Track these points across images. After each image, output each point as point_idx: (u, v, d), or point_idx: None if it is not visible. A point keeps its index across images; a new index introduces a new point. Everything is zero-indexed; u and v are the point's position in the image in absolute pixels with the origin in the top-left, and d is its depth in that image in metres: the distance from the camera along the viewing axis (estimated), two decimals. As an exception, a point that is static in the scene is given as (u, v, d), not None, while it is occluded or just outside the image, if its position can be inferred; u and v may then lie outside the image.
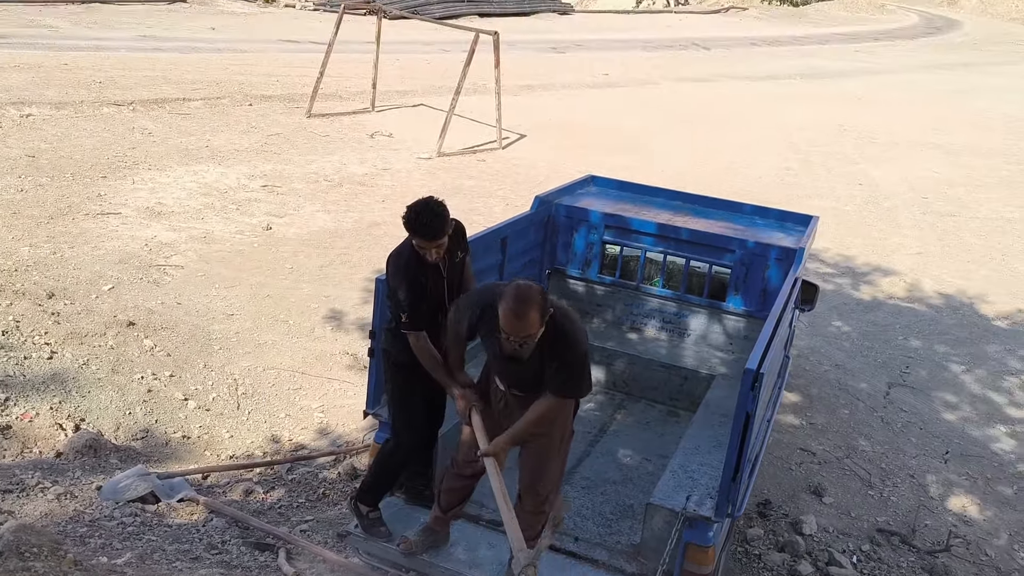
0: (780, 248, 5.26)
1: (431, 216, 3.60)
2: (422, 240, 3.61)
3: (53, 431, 5.14)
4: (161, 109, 13.88)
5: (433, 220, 3.60)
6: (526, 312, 3.10)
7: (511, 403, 3.52)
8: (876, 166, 15.02)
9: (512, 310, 3.10)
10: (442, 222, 3.61)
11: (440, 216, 3.61)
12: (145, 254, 8.36)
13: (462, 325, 3.49)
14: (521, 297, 3.13)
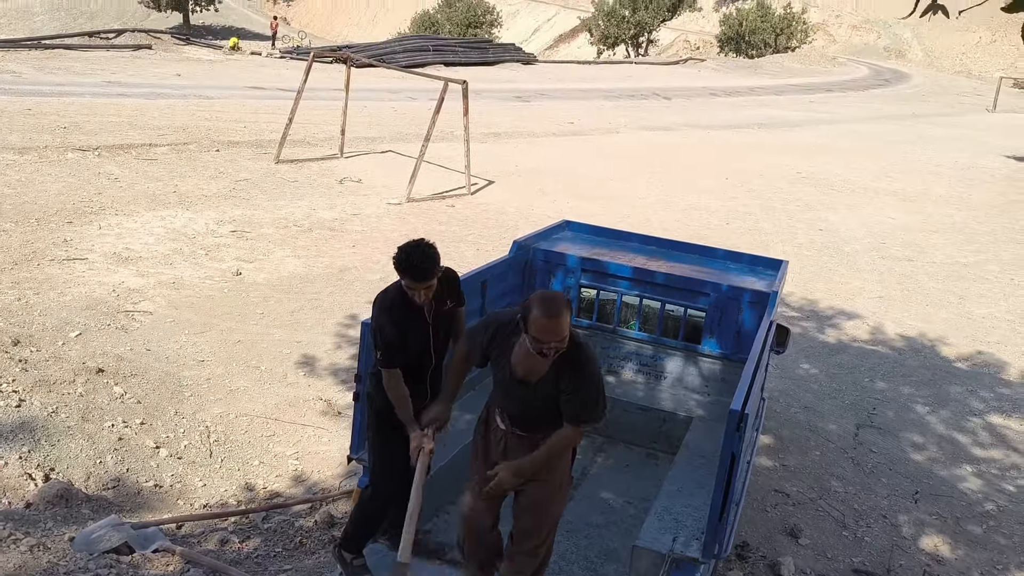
0: (753, 292, 5.39)
1: (422, 258, 3.65)
2: (411, 281, 3.66)
3: (22, 481, 5.00)
4: (127, 154, 13.81)
5: (424, 262, 3.65)
6: (558, 312, 3.17)
7: (511, 444, 3.54)
8: (835, 212, 15.45)
9: (545, 313, 3.15)
10: (432, 264, 3.67)
11: (431, 258, 3.67)
12: (113, 300, 8.24)
13: (474, 347, 3.55)
14: (550, 299, 3.25)
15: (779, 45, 57.03)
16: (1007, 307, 11.12)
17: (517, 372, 3.36)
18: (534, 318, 3.17)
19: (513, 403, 3.50)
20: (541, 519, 3.55)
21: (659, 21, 58.46)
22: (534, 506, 3.54)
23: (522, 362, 3.34)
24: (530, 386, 3.36)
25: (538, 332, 3.16)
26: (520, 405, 3.48)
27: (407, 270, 3.66)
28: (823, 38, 63.20)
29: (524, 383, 3.37)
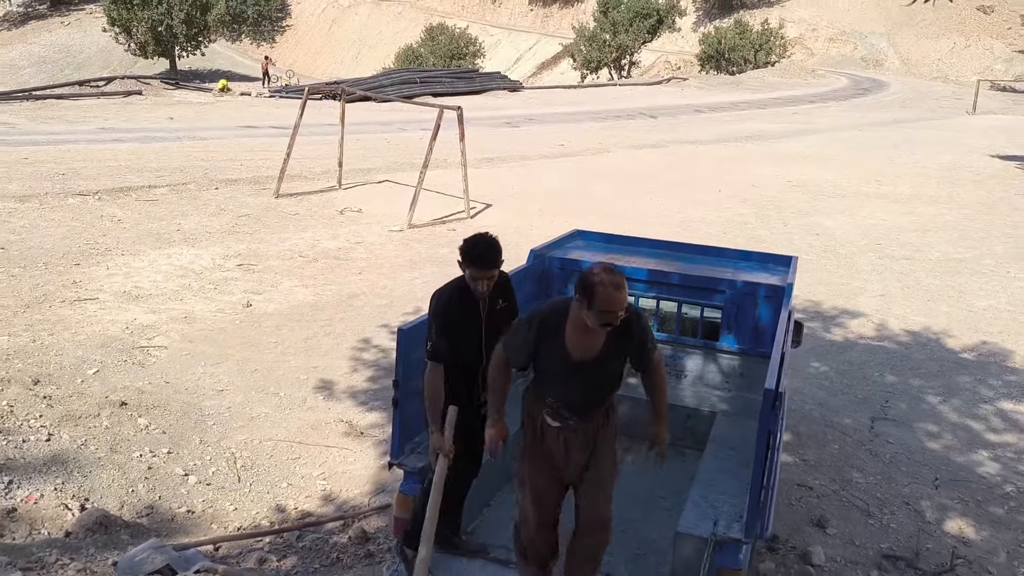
0: (768, 286, 5.51)
1: (486, 247, 3.82)
2: (476, 270, 3.82)
3: (59, 511, 5.04)
4: (127, 197, 13.93)
5: (488, 251, 3.82)
6: (622, 281, 3.34)
7: (570, 438, 3.63)
8: (828, 217, 15.65)
9: (612, 283, 3.29)
10: (497, 253, 3.85)
11: (495, 247, 3.84)
12: (127, 337, 8.31)
13: (516, 351, 3.57)
14: (608, 270, 3.37)
15: (759, 61, 57.80)
16: (1007, 298, 11.27)
17: (574, 356, 3.44)
18: (601, 291, 3.26)
19: (574, 390, 3.55)
20: (610, 490, 3.73)
21: (640, 43, 59.25)
22: (606, 479, 3.72)
23: (579, 343, 3.42)
24: (589, 365, 3.45)
25: (606, 304, 3.27)
26: (581, 389, 3.54)
27: (473, 259, 3.80)
28: (801, 51, 64.08)
29: (582, 364, 3.45)
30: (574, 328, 3.44)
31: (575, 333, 3.44)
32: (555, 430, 3.63)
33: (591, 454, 3.68)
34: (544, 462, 3.67)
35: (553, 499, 3.75)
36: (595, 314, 3.31)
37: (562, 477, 3.70)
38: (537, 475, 3.69)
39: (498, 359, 3.68)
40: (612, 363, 3.55)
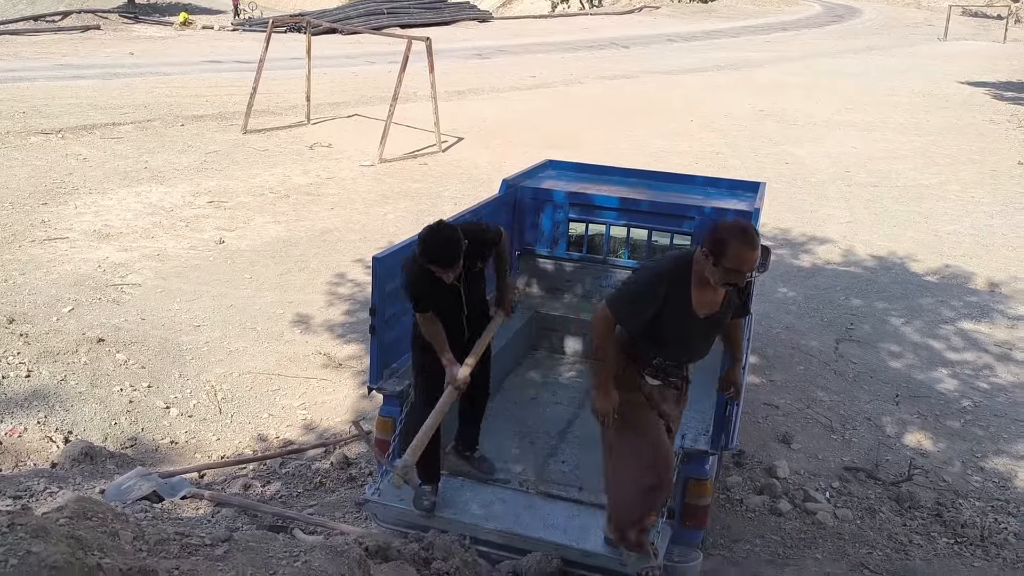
0: (736, 212, 5.59)
1: (445, 246, 3.66)
2: (436, 267, 3.68)
3: (44, 444, 5.13)
4: (92, 135, 13.66)
5: (447, 250, 3.66)
6: (757, 241, 3.12)
7: (668, 394, 3.57)
8: (799, 146, 15.74)
9: (748, 243, 3.07)
10: (457, 249, 3.67)
11: (455, 243, 3.67)
12: (99, 275, 8.28)
13: (635, 317, 3.31)
14: (745, 228, 3.14)
15: (731, -12, 56.85)
16: (970, 223, 11.51)
17: (699, 313, 3.28)
18: (736, 250, 3.04)
19: (693, 348, 3.44)
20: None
21: (611, -29, 57.98)
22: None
23: (703, 300, 3.25)
24: (709, 321, 3.32)
25: (739, 263, 3.06)
26: (699, 346, 3.45)
27: (432, 259, 3.65)
28: (774, -22, 63.11)
29: (704, 321, 3.31)
30: (699, 284, 3.23)
31: (699, 290, 3.24)
32: (654, 387, 3.48)
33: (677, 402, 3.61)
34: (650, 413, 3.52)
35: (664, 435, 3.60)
36: (721, 271, 3.09)
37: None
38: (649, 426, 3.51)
39: (603, 326, 3.35)
40: (728, 315, 3.40)
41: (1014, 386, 7.09)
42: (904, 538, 5.08)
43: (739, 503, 5.34)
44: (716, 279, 3.14)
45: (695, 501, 3.84)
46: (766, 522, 5.14)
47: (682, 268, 3.26)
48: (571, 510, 4.01)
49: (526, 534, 3.80)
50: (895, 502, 5.47)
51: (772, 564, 4.63)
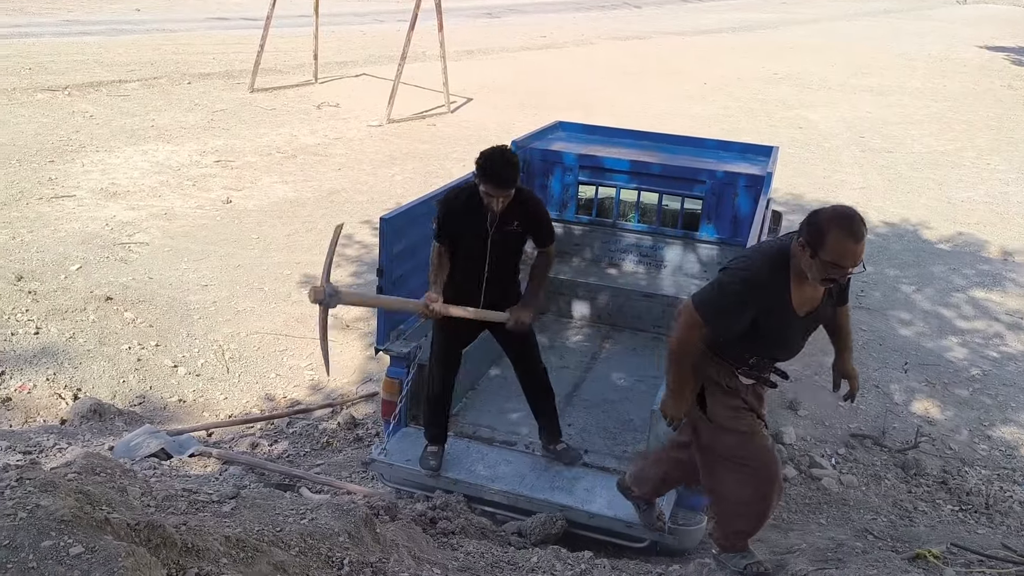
0: (748, 176, 5.53)
1: (504, 164, 3.55)
2: (490, 187, 3.56)
3: (53, 400, 5.16)
4: (98, 92, 13.54)
5: (504, 169, 3.54)
6: (863, 233, 2.68)
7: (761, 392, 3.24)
8: (813, 110, 15.53)
9: (853, 235, 2.64)
10: (514, 172, 3.57)
11: (513, 166, 3.57)
12: (107, 233, 8.26)
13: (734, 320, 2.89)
14: (850, 217, 2.69)
15: (747, -52, 55.78)
16: (985, 190, 11.38)
17: (801, 312, 2.89)
18: (837, 243, 2.62)
19: (796, 344, 3.09)
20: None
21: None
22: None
23: (803, 297, 2.86)
24: (808, 317, 2.94)
25: (840, 257, 2.64)
26: (798, 344, 3.11)
27: (488, 175, 3.54)
28: (791, -62, 61.82)
29: (804, 318, 2.93)
30: (798, 281, 2.83)
31: (799, 287, 2.85)
32: (748, 387, 3.15)
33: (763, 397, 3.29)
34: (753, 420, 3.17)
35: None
36: (819, 266, 2.69)
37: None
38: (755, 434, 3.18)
39: (690, 329, 2.94)
40: (828, 309, 3.03)
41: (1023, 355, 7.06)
42: (909, 505, 5.09)
43: (745, 468, 5.34)
44: (814, 274, 2.74)
45: (701, 465, 3.82)
46: (771, 487, 5.15)
47: (779, 268, 2.84)
48: (576, 472, 4.02)
49: (531, 495, 3.82)
50: (901, 469, 5.47)
51: (777, 529, 4.63)
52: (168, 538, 1.84)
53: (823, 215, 2.73)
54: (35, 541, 1.68)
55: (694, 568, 3.27)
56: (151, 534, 1.84)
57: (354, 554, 2.26)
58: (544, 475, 3.97)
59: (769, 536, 4.55)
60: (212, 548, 1.92)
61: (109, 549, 1.66)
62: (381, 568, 2.24)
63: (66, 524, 1.72)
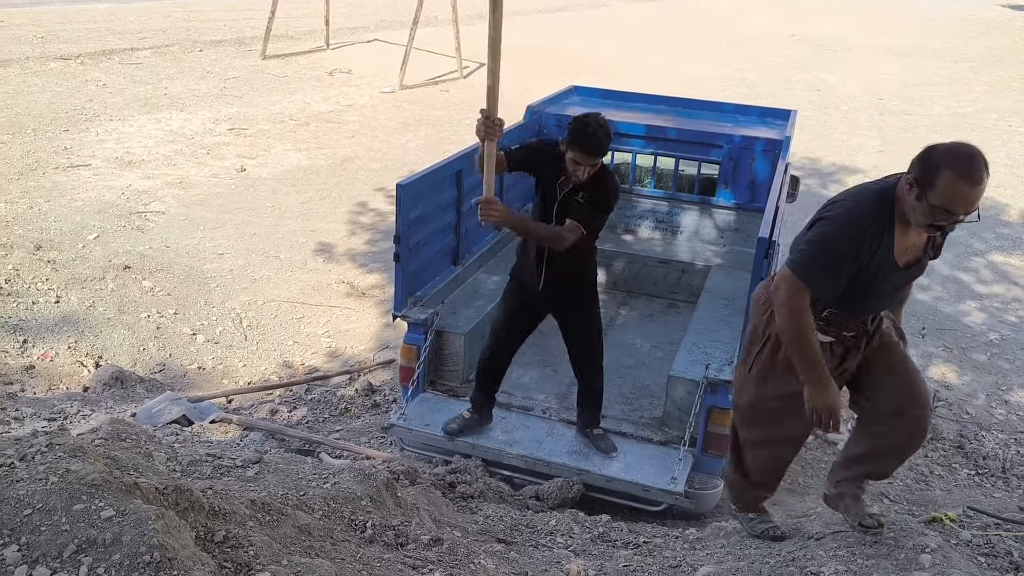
0: (765, 140, 5.47)
1: (598, 130, 3.43)
2: (579, 154, 3.44)
3: (75, 368, 5.22)
4: (110, 60, 13.53)
5: (599, 134, 3.43)
6: (982, 169, 2.30)
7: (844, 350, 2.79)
8: (831, 71, 15.30)
9: (969, 177, 2.27)
10: (607, 139, 3.48)
11: (608, 136, 3.48)
12: (123, 203, 8.30)
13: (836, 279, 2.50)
14: (969, 156, 2.32)
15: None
16: (1006, 152, 11.21)
17: (901, 261, 2.53)
18: (949, 185, 2.28)
19: (886, 300, 2.74)
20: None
21: None
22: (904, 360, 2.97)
23: (907, 245, 2.52)
24: (911, 268, 2.60)
25: (951, 202, 2.30)
26: (892, 298, 2.78)
27: (580, 141, 3.41)
28: None
29: (904, 268, 2.57)
30: (902, 225, 2.48)
31: (902, 232, 2.49)
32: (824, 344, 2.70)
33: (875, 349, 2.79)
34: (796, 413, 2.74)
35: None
36: (925, 209, 2.34)
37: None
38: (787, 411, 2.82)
39: (796, 303, 2.54)
40: (927, 261, 2.65)
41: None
42: (925, 469, 5.09)
43: (760, 433, 5.36)
44: (918, 219, 2.39)
45: (717, 430, 3.84)
46: (787, 452, 5.16)
47: (885, 206, 2.47)
48: (594, 438, 4.04)
49: (549, 459, 3.85)
50: (917, 433, 5.46)
51: (793, 493, 4.66)
52: (196, 502, 1.88)
53: (938, 151, 2.37)
54: (67, 504, 1.71)
55: (711, 531, 3.30)
56: (179, 498, 1.87)
57: (376, 517, 2.30)
58: (561, 440, 4.00)
59: (785, 500, 4.57)
60: (238, 511, 1.95)
61: (139, 512, 1.70)
62: (403, 530, 2.28)
63: (96, 488, 1.75)
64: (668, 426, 4.09)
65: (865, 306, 2.67)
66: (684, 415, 3.97)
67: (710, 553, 2.91)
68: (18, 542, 1.65)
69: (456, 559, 2.19)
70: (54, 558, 1.63)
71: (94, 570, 1.61)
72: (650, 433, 4.08)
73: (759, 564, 2.69)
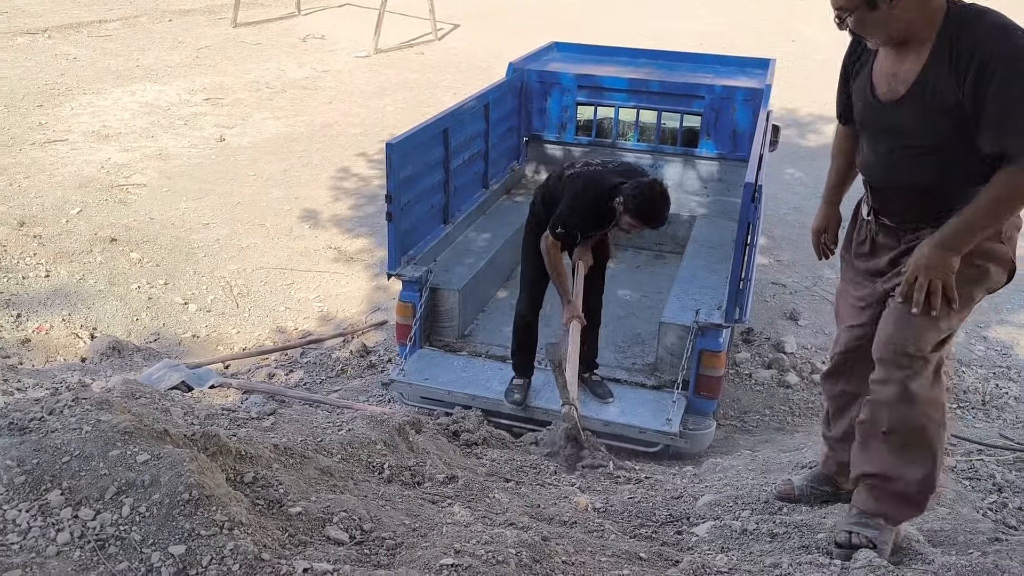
0: (746, 89, 5.54)
1: (665, 206, 3.54)
2: (643, 225, 3.59)
3: (71, 340, 5.25)
4: (79, 33, 13.29)
5: (664, 210, 3.55)
6: None
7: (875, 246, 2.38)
8: (806, 23, 15.31)
9: None
10: (668, 210, 3.59)
11: (669, 206, 3.58)
12: (104, 176, 8.24)
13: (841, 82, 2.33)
14: None
15: None
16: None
17: (880, 90, 2.18)
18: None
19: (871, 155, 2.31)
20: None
21: None
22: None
23: (884, 72, 2.18)
24: (892, 108, 2.17)
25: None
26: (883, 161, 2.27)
27: (645, 218, 3.52)
28: None
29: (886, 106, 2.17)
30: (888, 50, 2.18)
31: (885, 54, 2.19)
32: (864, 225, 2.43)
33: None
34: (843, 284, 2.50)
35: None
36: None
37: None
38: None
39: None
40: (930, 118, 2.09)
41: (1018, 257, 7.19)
42: (908, 405, 5.26)
43: (748, 377, 5.50)
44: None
45: (709, 372, 3.97)
46: (775, 394, 5.32)
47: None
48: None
49: (546, 407, 3.95)
50: (899, 372, 5.63)
51: (781, 431, 4.82)
52: (223, 446, 1.96)
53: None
54: (103, 451, 1.78)
55: (707, 467, 3.43)
56: (207, 443, 1.95)
57: (392, 459, 2.39)
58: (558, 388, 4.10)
59: (775, 437, 4.74)
60: (263, 455, 2.04)
61: (173, 455, 1.77)
62: (419, 470, 2.37)
63: (129, 435, 1.83)
64: (661, 371, 4.21)
65: (865, 163, 2.30)
66: (676, 360, 4.09)
67: (708, 485, 3.04)
68: (60, 487, 1.72)
69: (472, 494, 2.29)
70: (96, 500, 1.70)
71: (136, 510, 1.69)
72: (644, 379, 4.20)
73: (757, 491, 2.82)
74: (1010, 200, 1.99)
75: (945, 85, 1.97)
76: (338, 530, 1.78)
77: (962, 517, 2.64)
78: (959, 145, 2.01)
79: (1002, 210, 2.02)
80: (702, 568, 1.94)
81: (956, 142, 2.01)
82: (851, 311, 2.44)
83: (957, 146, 2.01)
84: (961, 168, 2.04)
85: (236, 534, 1.63)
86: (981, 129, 1.94)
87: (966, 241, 2.04)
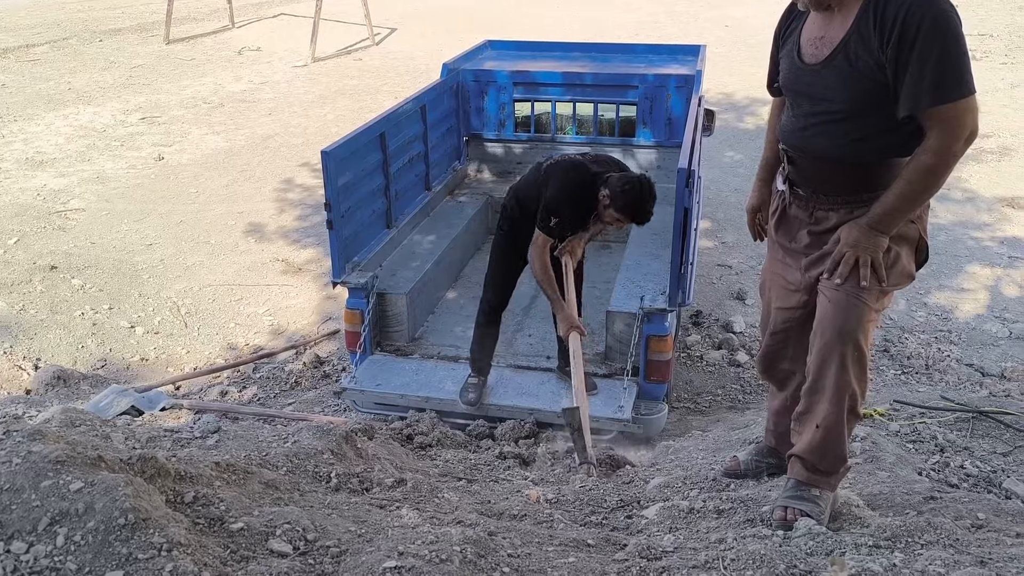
0: (678, 76, 5.62)
1: (652, 203, 3.56)
2: (629, 221, 3.60)
3: (15, 372, 5.13)
4: (6, 59, 12.97)
5: (651, 207, 3.58)
6: None
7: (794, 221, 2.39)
8: (738, 7, 15.56)
9: None
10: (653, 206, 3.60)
11: (655, 201, 3.59)
12: (40, 203, 8.06)
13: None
14: None
15: None
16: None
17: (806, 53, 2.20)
18: None
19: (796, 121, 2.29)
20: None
21: None
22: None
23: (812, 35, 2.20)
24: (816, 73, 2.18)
25: None
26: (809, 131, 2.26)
27: (637, 215, 3.55)
28: None
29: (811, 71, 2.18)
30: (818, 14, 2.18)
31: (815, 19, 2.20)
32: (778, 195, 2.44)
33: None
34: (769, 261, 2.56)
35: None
36: None
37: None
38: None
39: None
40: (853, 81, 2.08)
41: (953, 224, 7.40)
42: (854, 374, 5.39)
43: (699, 359, 5.60)
44: None
45: (657, 357, 4.02)
46: (726, 373, 5.42)
47: None
48: (541, 377, 4.19)
49: (500, 403, 3.97)
50: (845, 343, 5.76)
51: (733, 409, 4.91)
52: (162, 468, 1.94)
53: None
54: (35, 482, 1.76)
55: (660, 450, 3.48)
56: (144, 466, 1.93)
57: (340, 468, 2.38)
58: (510, 384, 4.13)
59: (727, 416, 4.82)
60: (204, 474, 2.02)
61: (108, 481, 1.75)
62: (367, 476, 2.37)
63: (62, 464, 1.80)
64: (611, 359, 4.25)
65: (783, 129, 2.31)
66: (625, 347, 4.14)
67: (659, 468, 3.08)
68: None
69: (421, 495, 2.30)
70: (29, 532, 1.68)
71: (70, 539, 1.67)
72: (595, 368, 4.24)
73: (706, 471, 2.87)
74: (942, 168, 1.99)
75: (868, 48, 1.99)
76: (281, 542, 1.78)
77: (901, 479, 2.72)
78: (876, 114, 2.03)
79: (931, 181, 2.01)
80: (647, 549, 1.98)
81: (874, 110, 2.03)
82: (781, 293, 2.47)
83: (873, 115, 2.04)
84: (875, 139, 2.07)
85: (175, 555, 1.62)
86: (899, 93, 1.96)
87: (896, 219, 2.07)
